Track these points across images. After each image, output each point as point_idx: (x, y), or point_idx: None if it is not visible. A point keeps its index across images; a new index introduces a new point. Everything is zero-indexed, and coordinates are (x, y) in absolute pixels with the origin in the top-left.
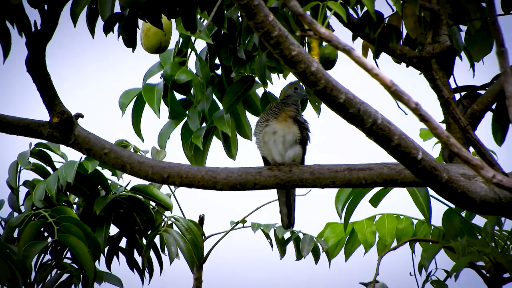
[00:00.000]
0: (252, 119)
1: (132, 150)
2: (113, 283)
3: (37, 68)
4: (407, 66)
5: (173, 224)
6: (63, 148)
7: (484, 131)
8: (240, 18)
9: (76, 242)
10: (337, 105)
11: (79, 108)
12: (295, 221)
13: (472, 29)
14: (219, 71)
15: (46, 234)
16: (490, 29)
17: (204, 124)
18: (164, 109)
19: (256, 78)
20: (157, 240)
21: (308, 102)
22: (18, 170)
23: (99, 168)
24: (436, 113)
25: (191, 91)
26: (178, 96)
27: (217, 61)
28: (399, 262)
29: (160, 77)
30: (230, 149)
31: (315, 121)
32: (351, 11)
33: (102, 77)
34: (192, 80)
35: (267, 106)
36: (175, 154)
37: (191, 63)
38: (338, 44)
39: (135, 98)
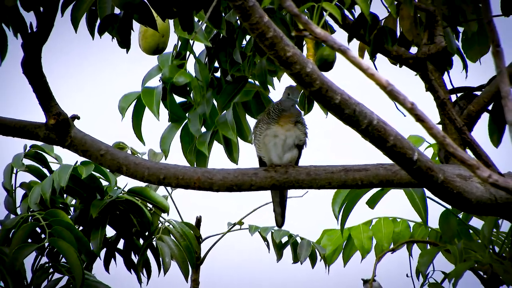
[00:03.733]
0: (252, 122)
1: (129, 152)
2: None
3: (33, 70)
4: (400, 66)
5: (168, 230)
6: (58, 150)
7: (480, 132)
8: (238, 22)
9: (66, 246)
10: (332, 106)
11: (76, 110)
12: (294, 223)
13: (469, 31)
14: (217, 74)
15: (43, 236)
16: (486, 30)
17: (203, 128)
18: (164, 112)
19: (252, 80)
20: (155, 242)
21: (315, 103)
22: (14, 172)
23: (94, 172)
24: (432, 114)
25: (190, 94)
26: (178, 99)
27: (216, 64)
28: (397, 264)
29: (159, 80)
30: (232, 153)
31: (311, 121)
32: (346, 12)
33: (99, 79)
34: (191, 82)
35: (259, 105)
36: (172, 155)
37: (190, 66)
38: (334, 44)
39: (134, 102)
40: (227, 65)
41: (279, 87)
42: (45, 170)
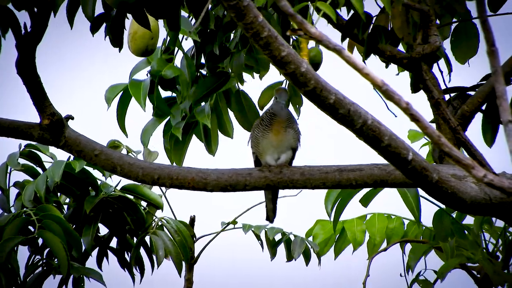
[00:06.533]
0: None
1: (124, 150)
2: (94, 278)
3: (27, 70)
4: (387, 66)
5: (163, 226)
6: (52, 149)
7: (474, 132)
8: (227, 17)
9: (53, 238)
10: (327, 105)
11: (70, 110)
12: (288, 221)
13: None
14: (204, 71)
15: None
16: (474, 31)
17: None
18: (150, 105)
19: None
20: (148, 239)
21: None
22: (8, 171)
23: (89, 168)
24: (426, 114)
25: (177, 88)
26: (163, 94)
27: (203, 60)
28: (390, 262)
29: (147, 74)
30: (210, 145)
31: (306, 121)
32: (339, 11)
33: (93, 79)
34: (179, 76)
35: (238, 104)
36: (164, 155)
37: (178, 61)
38: (329, 44)
39: (120, 93)
40: (205, 57)
41: (262, 83)
42: (39, 169)
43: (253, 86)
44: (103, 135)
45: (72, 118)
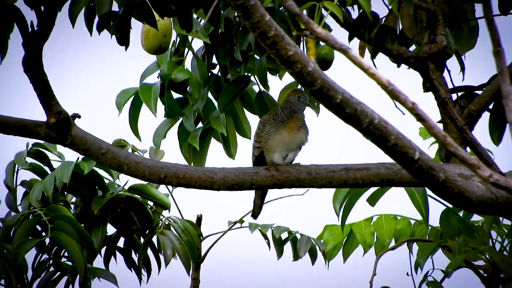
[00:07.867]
0: (250, 117)
1: (130, 150)
2: (108, 279)
3: (34, 69)
4: (398, 66)
5: (170, 225)
6: (60, 148)
7: (481, 131)
8: (237, 18)
9: (68, 239)
10: (333, 105)
11: (77, 108)
12: (295, 220)
13: (466, 30)
14: (215, 71)
15: (44, 234)
16: (476, 28)
17: (200, 124)
18: (161, 108)
19: (253, 78)
20: (154, 239)
21: None
22: (16, 170)
23: (96, 168)
24: (433, 113)
25: (188, 90)
26: (175, 95)
27: (214, 60)
28: (397, 262)
29: (157, 77)
30: (230, 148)
31: (312, 120)
32: (349, 9)
33: (100, 78)
34: (189, 79)
35: (262, 106)
36: (174, 154)
37: (188, 62)
38: (335, 44)
39: (132, 98)
40: (227, 62)
41: (280, 85)
42: (47, 168)
43: (275, 87)
44: (110, 134)
45: (79, 117)
